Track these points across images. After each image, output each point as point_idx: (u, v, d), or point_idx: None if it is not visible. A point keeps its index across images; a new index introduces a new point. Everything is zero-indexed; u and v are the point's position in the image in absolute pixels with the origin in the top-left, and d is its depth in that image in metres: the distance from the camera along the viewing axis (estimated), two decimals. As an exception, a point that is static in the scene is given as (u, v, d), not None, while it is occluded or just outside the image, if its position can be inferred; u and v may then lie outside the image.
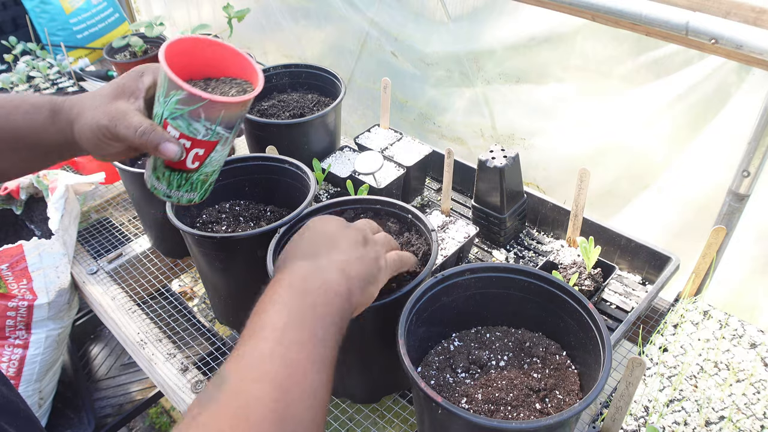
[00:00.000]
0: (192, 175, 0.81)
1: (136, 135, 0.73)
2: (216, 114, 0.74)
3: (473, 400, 0.78)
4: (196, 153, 0.78)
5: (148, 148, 0.74)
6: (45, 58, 2.10)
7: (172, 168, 0.80)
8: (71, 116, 0.77)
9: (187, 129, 0.75)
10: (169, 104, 0.74)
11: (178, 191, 0.83)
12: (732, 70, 1.16)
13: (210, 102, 0.72)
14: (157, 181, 0.82)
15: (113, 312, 1.30)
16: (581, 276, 1.11)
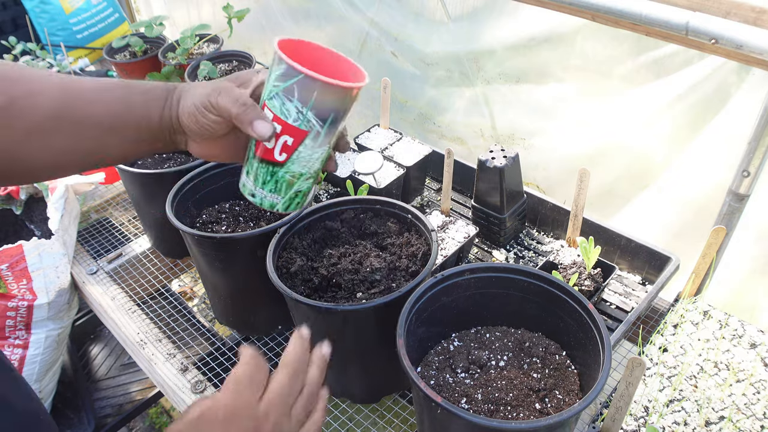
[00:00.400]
0: (278, 171, 0.78)
1: (235, 105, 0.73)
2: (309, 95, 0.71)
3: (473, 400, 0.78)
4: (285, 141, 0.75)
5: (243, 121, 0.73)
6: (45, 58, 2.10)
7: (261, 159, 0.78)
8: (182, 95, 0.77)
9: (280, 109, 0.73)
10: (270, 82, 0.74)
11: (262, 189, 0.79)
12: (732, 70, 1.16)
13: (304, 78, 0.70)
14: (246, 176, 0.80)
15: (113, 312, 1.30)
16: (581, 276, 1.11)
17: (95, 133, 0.74)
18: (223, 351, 1.21)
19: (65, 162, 0.75)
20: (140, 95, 0.76)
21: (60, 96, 0.71)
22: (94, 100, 0.73)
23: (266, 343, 1.21)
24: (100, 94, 0.74)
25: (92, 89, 0.74)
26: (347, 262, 0.98)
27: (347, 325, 0.89)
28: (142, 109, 0.76)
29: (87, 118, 0.73)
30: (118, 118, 0.74)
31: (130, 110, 0.75)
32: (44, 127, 0.70)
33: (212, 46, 1.94)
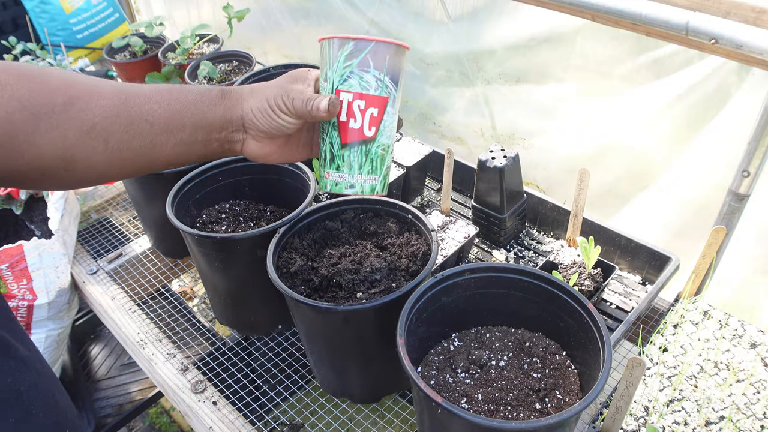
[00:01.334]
0: (371, 147, 0.80)
1: (305, 103, 0.76)
2: (382, 61, 0.76)
3: (473, 400, 0.78)
4: (371, 114, 0.78)
5: (313, 109, 0.76)
6: (45, 58, 2.10)
7: (350, 144, 0.79)
8: (242, 94, 0.79)
9: (359, 84, 0.77)
10: (338, 67, 0.77)
11: (360, 174, 0.81)
12: (732, 70, 1.16)
13: (376, 44, 0.75)
14: (337, 172, 0.81)
15: (113, 312, 1.30)
16: (581, 276, 1.11)
17: (149, 131, 0.74)
18: (223, 351, 1.21)
19: (117, 163, 0.74)
20: (196, 95, 0.77)
21: (117, 95, 0.72)
22: (150, 99, 0.74)
23: (266, 343, 1.21)
24: (156, 94, 0.75)
25: (148, 89, 0.75)
26: (347, 262, 0.98)
27: (347, 325, 0.89)
28: (198, 107, 0.77)
29: (143, 116, 0.73)
30: (174, 116, 0.75)
31: (186, 108, 0.76)
32: (101, 126, 0.70)
33: (212, 46, 1.94)
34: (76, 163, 0.70)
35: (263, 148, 0.82)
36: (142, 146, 0.74)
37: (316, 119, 0.77)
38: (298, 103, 0.77)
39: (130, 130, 0.72)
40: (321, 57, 0.80)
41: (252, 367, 1.18)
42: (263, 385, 1.14)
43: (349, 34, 0.76)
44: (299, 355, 1.17)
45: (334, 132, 0.79)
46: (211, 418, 1.07)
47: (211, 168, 1.18)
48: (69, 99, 0.68)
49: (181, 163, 0.80)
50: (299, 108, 0.77)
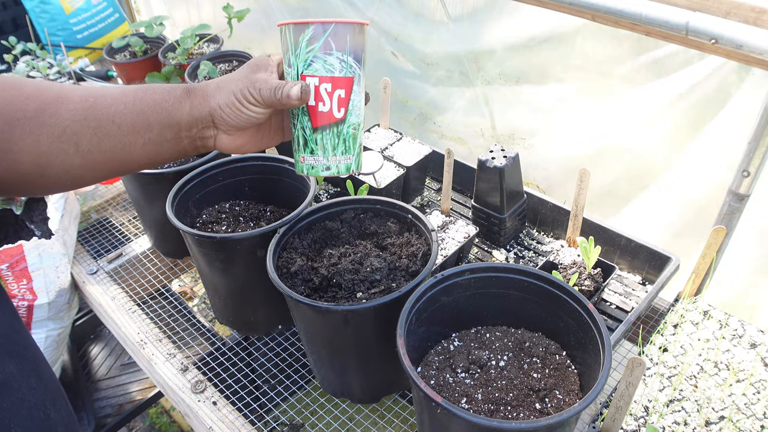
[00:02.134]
0: (342, 128, 0.82)
1: (273, 91, 0.78)
2: (344, 42, 0.78)
3: (473, 400, 0.78)
4: (339, 96, 0.80)
5: (283, 98, 0.78)
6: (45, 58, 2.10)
7: (323, 127, 0.81)
8: (208, 91, 0.80)
9: (324, 67, 0.78)
10: (301, 53, 0.78)
11: (334, 155, 0.82)
12: (732, 70, 1.16)
13: (335, 26, 0.77)
14: (311, 156, 0.82)
15: (113, 312, 1.30)
16: (581, 276, 1.11)
17: (117, 132, 0.75)
18: (223, 351, 1.21)
19: (90, 166, 0.75)
20: (161, 94, 0.78)
21: (85, 99, 0.74)
22: (117, 101, 0.75)
23: (266, 343, 1.21)
24: (122, 96, 0.76)
25: (115, 91, 0.77)
26: (347, 262, 0.98)
27: (347, 325, 0.89)
28: (163, 107, 0.77)
29: (109, 117, 0.74)
30: (140, 116, 0.76)
31: (151, 108, 0.77)
32: (71, 130, 0.72)
33: (212, 46, 1.94)
34: (51, 168, 0.72)
35: (235, 141, 0.83)
36: (113, 148, 0.75)
37: (287, 106, 0.79)
38: (266, 93, 0.78)
39: (98, 132, 0.74)
40: (282, 43, 0.81)
41: (252, 367, 1.18)
42: (263, 385, 1.14)
43: (307, 19, 0.77)
44: (299, 355, 1.17)
45: (304, 117, 0.81)
46: (211, 418, 1.07)
47: (211, 168, 1.18)
48: (40, 105, 0.70)
49: (156, 163, 0.80)
50: (268, 97, 0.78)
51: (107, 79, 2.10)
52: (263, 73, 0.81)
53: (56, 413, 0.66)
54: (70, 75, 2.04)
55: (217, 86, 0.80)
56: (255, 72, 0.81)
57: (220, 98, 0.79)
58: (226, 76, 0.82)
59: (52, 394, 0.68)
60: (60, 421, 0.67)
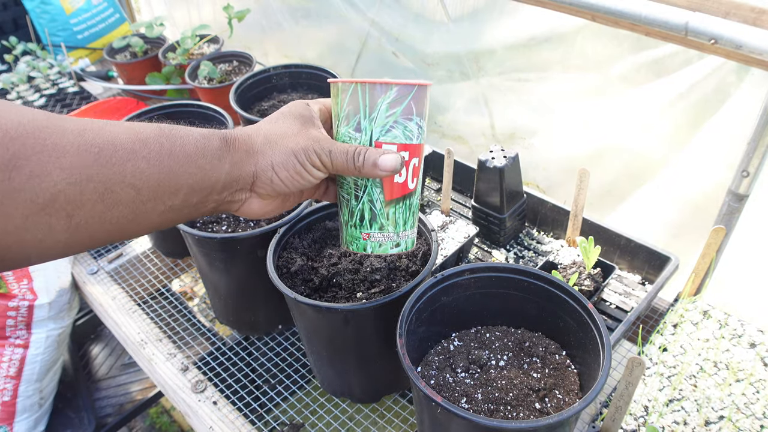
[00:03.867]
0: (412, 200, 0.74)
1: (351, 156, 0.66)
2: (422, 105, 0.70)
3: (473, 400, 0.79)
4: (414, 165, 0.72)
5: (365, 168, 0.66)
6: (45, 58, 2.10)
7: (396, 200, 0.73)
8: (254, 146, 0.64)
9: (404, 134, 0.69)
10: (379, 117, 0.68)
11: (404, 230, 0.74)
12: (731, 70, 1.17)
13: (418, 89, 0.68)
14: (380, 231, 0.73)
15: (113, 312, 1.31)
16: (581, 276, 1.11)
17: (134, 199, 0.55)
18: (224, 351, 1.21)
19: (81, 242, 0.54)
20: (194, 146, 0.60)
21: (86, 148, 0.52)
22: (135, 153, 0.55)
23: (266, 342, 1.21)
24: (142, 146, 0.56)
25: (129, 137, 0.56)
26: (347, 262, 0.98)
27: (347, 325, 0.89)
28: (199, 164, 0.59)
29: (126, 179, 0.54)
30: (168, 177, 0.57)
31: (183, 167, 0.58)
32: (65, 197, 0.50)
33: (212, 47, 1.95)
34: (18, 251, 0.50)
35: (266, 207, 0.69)
36: (121, 218, 0.55)
37: (365, 176, 0.67)
38: (340, 158, 0.65)
39: (106, 200, 0.53)
40: (345, 100, 0.69)
41: (252, 367, 1.18)
42: (263, 384, 1.14)
43: (386, 79, 0.67)
44: (299, 355, 1.17)
45: (375, 189, 0.71)
46: (212, 418, 1.07)
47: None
48: (12, 158, 0.47)
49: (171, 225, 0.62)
50: (340, 164, 0.65)
51: (108, 79, 2.11)
52: (313, 128, 0.68)
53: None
54: (70, 75, 2.04)
55: (266, 140, 0.65)
56: (307, 127, 0.67)
57: (275, 158, 0.64)
58: (272, 124, 0.67)
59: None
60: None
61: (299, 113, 0.68)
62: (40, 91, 2.01)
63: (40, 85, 2.01)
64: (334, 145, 0.66)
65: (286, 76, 1.57)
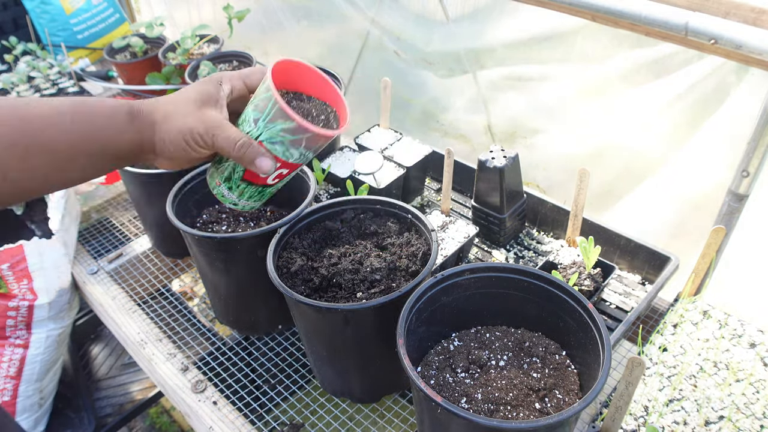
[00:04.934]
0: (267, 189, 0.85)
1: (234, 148, 0.75)
2: (316, 143, 0.78)
3: (473, 400, 0.79)
4: (281, 173, 0.81)
5: (244, 161, 0.76)
6: (45, 58, 2.10)
7: (250, 182, 0.82)
8: (153, 118, 0.75)
9: (283, 154, 0.77)
10: (272, 130, 0.75)
11: (247, 201, 0.85)
12: (731, 70, 1.17)
13: (314, 135, 0.75)
14: (228, 191, 0.83)
15: (113, 312, 1.31)
16: (581, 276, 1.11)
17: (52, 160, 0.69)
18: (224, 351, 1.21)
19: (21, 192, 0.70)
20: (104, 118, 0.72)
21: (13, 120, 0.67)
22: (51, 123, 0.69)
23: (266, 342, 1.21)
24: (58, 117, 0.69)
25: (50, 109, 0.69)
26: (347, 262, 0.98)
27: (347, 325, 0.89)
28: (105, 133, 0.72)
29: (43, 144, 0.68)
30: (78, 143, 0.71)
31: (92, 135, 0.71)
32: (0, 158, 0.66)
33: (212, 47, 1.94)
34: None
35: (172, 165, 0.80)
36: (48, 174, 0.69)
37: (242, 164, 0.77)
38: (223, 143, 0.75)
39: (28, 161, 0.67)
40: (260, 94, 0.76)
41: (252, 367, 1.18)
42: (263, 384, 1.14)
43: (293, 112, 0.73)
44: (299, 355, 1.17)
45: (240, 166, 0.80)
46: (212, 418, 1.07)
47: (211, 168, 1.18)
48: None
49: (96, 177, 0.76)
50: (223, 147, 0.75)
51: (108, 79, 2.10)
52: (212, 109, 0.76)
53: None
54: (70, 75, 2.04)
55: (164, 116, 0.75)
56: (204, 107, 0.75)
57: (167, 135, 0.75)
58: (174, 101, 0.76)
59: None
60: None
61: (203, 91, 0.77)
62: (40, 91, 2.01)
63: (40, 85, 2.01)
64: (221, 129, 0.75)
65: (286, 76, 1.57)
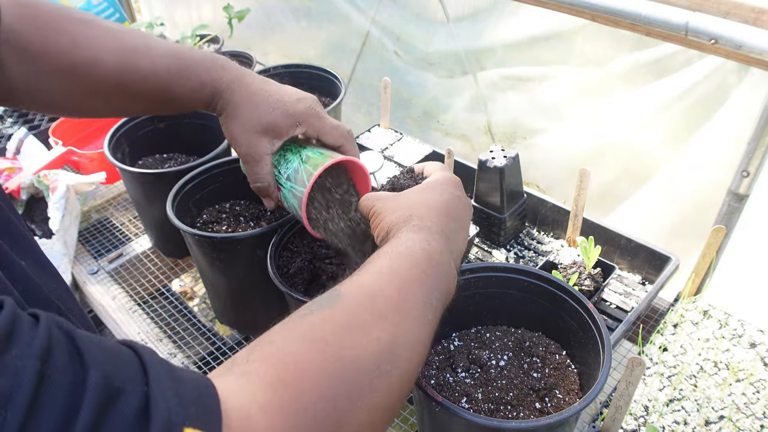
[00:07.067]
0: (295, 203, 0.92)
1: (254, 182, 0.86)
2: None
3: (473, 400, 0.79)
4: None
5: (257, 191, 0.88)
6: (45, 58, 2.10)
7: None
8: (225, 109, 0.84)
9: (287, 204, 0.88)
10: (289, 198, 0.85)
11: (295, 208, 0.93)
12: (731, 70, 1.17)
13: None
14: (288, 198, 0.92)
15: (114, 312, 1.31)
16: (581, 276, 1.11)
17: (147, 104, 0.84)
18: (224, 351, 1.21)
19: (121, 114, 0.99)
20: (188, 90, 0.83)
21: (119, 69, 0.77)
22: (148, 82, 0.79)
23: (267, 342, 1.21)
24: (153, 79, 0.80)
25: (148, 72, 0.79)
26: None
27: (347, 325, 0.89)
28: (188, 102, 0.84)
29: (141, 94, 0.80)
30: (168, 96, 0.82)
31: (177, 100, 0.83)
32: (103, 92, 0.78)
33: (213, 47, 1.94)
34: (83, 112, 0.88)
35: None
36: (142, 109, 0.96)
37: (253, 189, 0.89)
38: (248, 171, 0.86)
39: (129, 99, 0.82)
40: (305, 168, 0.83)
41: (252, 367, 1.18)
42: (264, 384, 1.14)
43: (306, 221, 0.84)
44: (299, 355, 1.17)
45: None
46: (212, 418, 1.07)
47: (212, 168, 1.18)
48: (74, 66, 0.74)
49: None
50: (249, 174, 0.86)
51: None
52: (268, 140, 0.84)
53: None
54: (70, 75, 2.04)
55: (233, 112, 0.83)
56: (262, 134, 0.83)
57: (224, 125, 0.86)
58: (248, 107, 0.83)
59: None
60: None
61: (274, 122, 0.83)
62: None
63: (41, 85, 2.01)
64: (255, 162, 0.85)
65: (287, 76, 1.57)
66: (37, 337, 0.35)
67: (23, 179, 1.49)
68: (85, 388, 0.34)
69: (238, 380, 0.41)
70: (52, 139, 1.61)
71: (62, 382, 0.34)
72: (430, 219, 0.64)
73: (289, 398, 0.41)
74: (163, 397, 0.36)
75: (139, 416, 0.35)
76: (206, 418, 0.37)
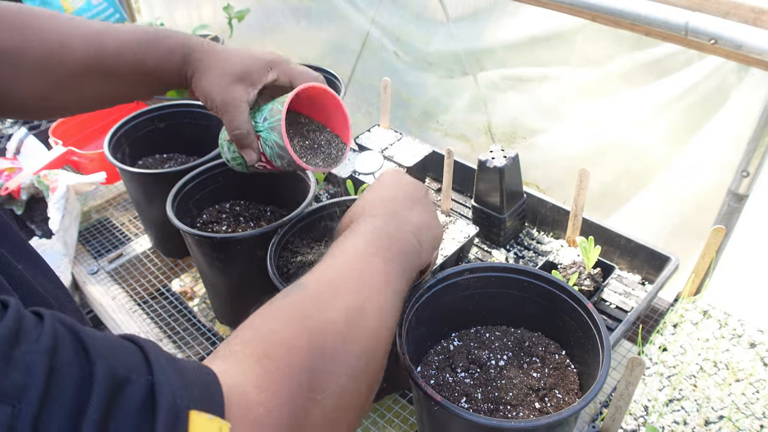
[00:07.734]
0: (252, 167, 0.93)
1: (233, 130, 0.85)
2: (297, 167, 0.86)
3: (473, 400, 0.79)
4: (265, 166, 0.90)
5: (235, 144, 0.87)
6: (46, 58, 2.10)
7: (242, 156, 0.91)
8: (197, 67, 0.84)
9: (270, 155, 0.86)
10: (270, 137, 0.84)
11: (236, 166, 0.95)
12: (731, 70, 1.17)
13: (297, 164, 0.84)
14: (227, 149, 0.94)
15: (114, 312, 1.31)
16: (581, 276, 1.11)
17: (120, 85, 0.84)
18: (224, 351, 1.21)
19: (93, 104, 0.88)
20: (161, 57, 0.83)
21: (89, 50, 0.78)
22: (119, 57, 0.81)
23: (266, 342, 1.21)
24: (123, 53, 0.81)
25: (117, 48, 0.80)
26: (347, 262, 0.98)
27: (347, 325, 0.89)
28: (160, 72, 0.84)
29: (113, 73, 0.81)
30: (140, 77, 0.83)
31: (150, 73, 0.84)
32: (76, 77, 0.78)
33: (213, 47, 1.94)
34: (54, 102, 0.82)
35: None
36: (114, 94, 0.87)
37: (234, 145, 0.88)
38: (226, 122, 0.84)
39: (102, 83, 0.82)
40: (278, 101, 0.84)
41: (252, 367, 1.18)
42: (263, 384, 1.14)
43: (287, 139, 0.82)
44: (299, 355, 1.17)
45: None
46: (212, 418, 1.07)
47: (212, 168, 1.18)
48: (48, 51, 0.76)
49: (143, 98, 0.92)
50: (225, 124, 0.85)
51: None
52: (242, 87, 0.83)
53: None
54: (70, 75, 2.04)
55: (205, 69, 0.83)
56: (236, 83, 0.83)
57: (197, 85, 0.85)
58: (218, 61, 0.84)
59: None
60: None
61: (247, 69, 0.84)
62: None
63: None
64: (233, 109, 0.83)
65: (287, 76, 1.57)
66: (44, 334, 0.36)
67: (23, 179, 1.49)
68: (92, 380, 0.36)
69: (228, 361, 0.45)
70: (52, 139, 1.61)
71: (71, 375, 0.35)
72: (382, 206, 0.71)
73: (277, 370, 0.45)
74: (167, 384, 0.38)
75: (147, 402, 0.37)
76: (209, 401, 0.40)
